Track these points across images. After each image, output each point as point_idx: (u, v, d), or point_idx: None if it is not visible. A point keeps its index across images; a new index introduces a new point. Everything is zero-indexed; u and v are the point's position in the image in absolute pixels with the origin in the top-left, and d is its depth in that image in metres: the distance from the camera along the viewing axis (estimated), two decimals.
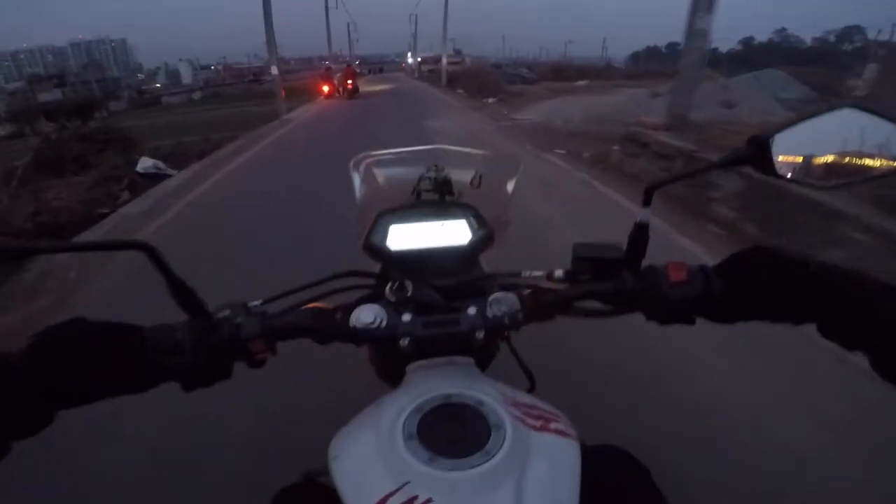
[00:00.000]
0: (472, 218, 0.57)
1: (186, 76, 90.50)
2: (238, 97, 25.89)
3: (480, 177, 0.64)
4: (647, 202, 0.47)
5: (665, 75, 22.68)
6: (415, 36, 46.82)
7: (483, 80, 19.56)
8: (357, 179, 0.66)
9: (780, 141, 0.45)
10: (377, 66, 78.26)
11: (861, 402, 1.58)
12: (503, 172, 0.66)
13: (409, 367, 0.50)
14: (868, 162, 0.46)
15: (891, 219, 2.55)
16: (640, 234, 0.48)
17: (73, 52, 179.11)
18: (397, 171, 0.66)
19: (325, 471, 0.41)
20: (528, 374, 0.58)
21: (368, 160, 0.67)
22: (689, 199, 3.79)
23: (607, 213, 3.90)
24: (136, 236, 3.56)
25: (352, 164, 0.67)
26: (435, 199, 0.63)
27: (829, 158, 0.47)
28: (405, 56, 72.24)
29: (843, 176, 0.48)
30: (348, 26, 48.85)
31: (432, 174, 0.64)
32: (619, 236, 0.52)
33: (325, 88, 17.15)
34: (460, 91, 18.97)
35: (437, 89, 21.05)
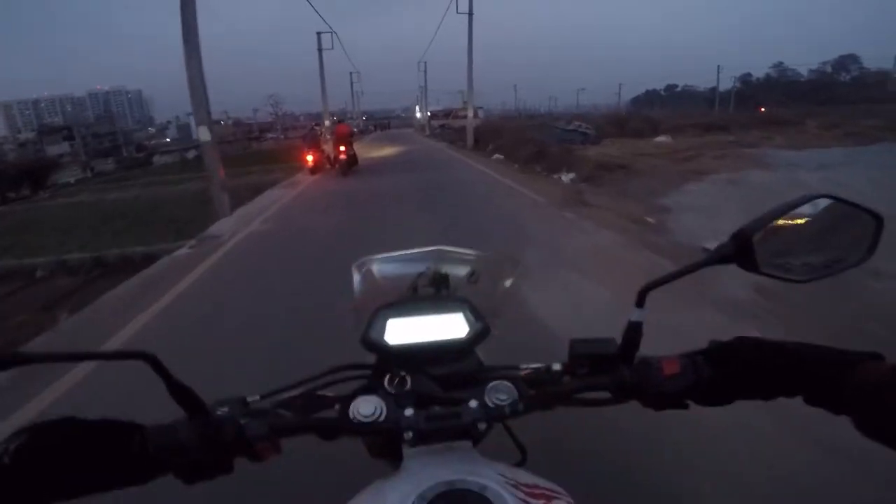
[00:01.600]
0: (468, 311, 0.56)
1: (196, 130, 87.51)
2: (234, 159, 21.24)
3: (477, 274, 0.65)
4: (640, 303, 0.48)
5: (766, 122, 17.84)
6: (424, 85, 42.41)
7: (522, 140, 13.96)
8: (357, 278, 0.66)
9: (760, 235, 0.45)
10: (384, 122, 74.67)
11: None
12: (501, 270, 0.66)
13: (408, 451, 0.48)
14: (842, 249, 0.48)
15: None
16: (633, 332, 0.49)
17: (91, 102, 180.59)
18: (396, 269, 0.67)
19: None
20: (521, 448, 0.58)
21: (369, 262, 0.68)
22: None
23: None
24: None
25: (354, 266, 0.67)
26: (431, 294, 0.63)
27: (807, 248, 0.48)
28: (412, 111, 68.98)
29: (819, 268, 0.48)
30: (351, 77, 44.19)
31: (430, 271, 0.65)
32: None
33: (310, 158, 11.32)
34: (498, 157, 13.25)
35: (462, 153, 15.49)
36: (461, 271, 0.65)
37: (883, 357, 0.41)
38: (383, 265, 0.67)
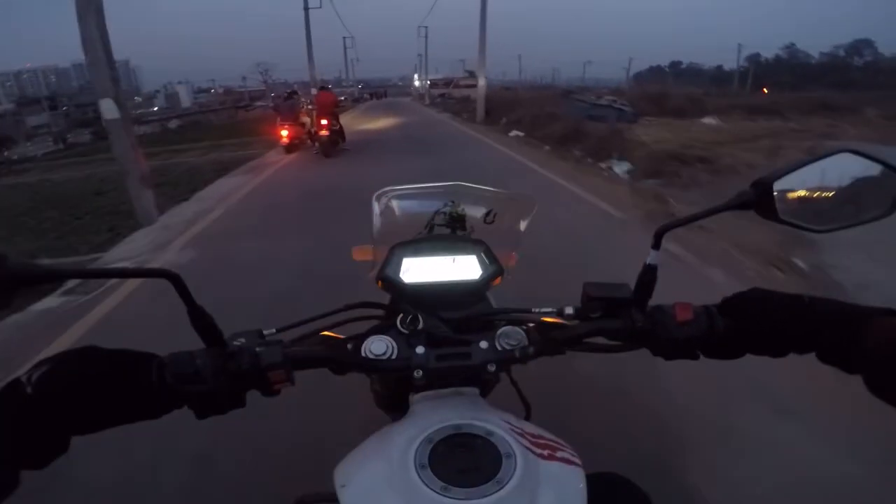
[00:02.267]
0: (482, 254, 0.56)
1: (186, 99, 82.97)
2: (217, 128, 18.78)
3: (494, 214, 0.65)
4: (656, 245, 0.47)
5: (817, 107, 15.47)
6: (425, 51, 39.07)
7: (544, 115, 11.47)
8: (376, 210, 0.65)
9: (781, 185, 0.45)
10: (380, 90, 70.50)
11: None
12: (518, 211, 0.66)
13: (415, 398, 0.49)
14: (863, 204, 0.47)
15: None
16: (648, 275, 0.48)
17: (76, 72, 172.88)
18: (414, 205, 0.67)
19: (322, 497, 0.42)
20: (525, 403, 0.57)
21: (389, 194, 0.66)
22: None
23: None
24: None
25: (374, 196, 0.65)
26: (447, 234, 0.63)
27: (828, 202, 0.47)
28: (410, 79, 65.13)
29: (840, 219, 0.48)
30: (344, 42, 40.67)
31: (448, 209, 0.65)
32: None
33: (285, 133, 8.79)
34: (517, 133, 10.80)
35: (472, 128, 12.94)
36: (478, 210, 0.66)
37: (894, 312, 0.38)
38: (403, 200, 0.67)
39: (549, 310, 0.52)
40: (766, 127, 11.47)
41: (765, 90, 30.21)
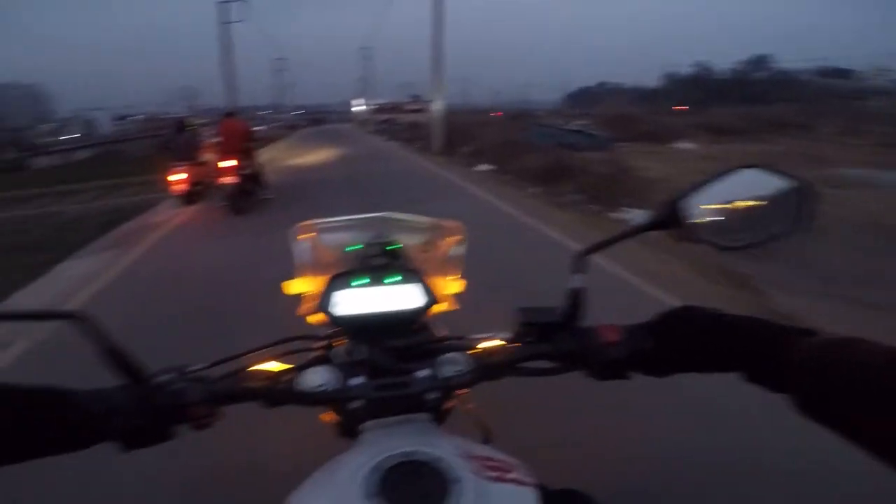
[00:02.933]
0: (419, 282, 0.56)
1: (105, 126, 75.03)
2: (130, 161, 15.69)
3: (430, 242, 0.66)
4: (576, 268, 0.49)
5: (772, 125, 15.02)
6: (367, 74, 37.12)
7: (510, 144, 9.85)
8: (300, 245, 0.64)
9: (689, 203, 0.46)
10: (318, 116, 66.42)
11: None
12: (451, 236, 0.67)
13: (365, 426, 0.48)
14: (770, 220, 0.48)
15: None
16: (574, 298, 0.49)
17: None
18: (343, 238, 0.66)
19: None
20: (484, 427, 0.57)
21: (314, 228, 0.66)
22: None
23: None
24: None
25: (290, 232, 0.65)
26: (383, 263, 0.61)
27: (737, 218, 0.47)
28: (348, 105, 62.30)
29: (749, 236, 0.48)
30: (275, 64, 38.01)
31: (380, 240, 0.64)
32: None
33: (179, 179, 6.20)
34: (485, 167, 8.98)
35: (429, 160, 11.00)
36: (412, 239, 0.65)
37: (815, 332, 0.39)
38: (329, 233, 0.66)
39: (486, 335, 0.53)
40: (750, 151, 10.48)
41: (685, 107, 30.83)
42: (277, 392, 0.47)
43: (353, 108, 55.26)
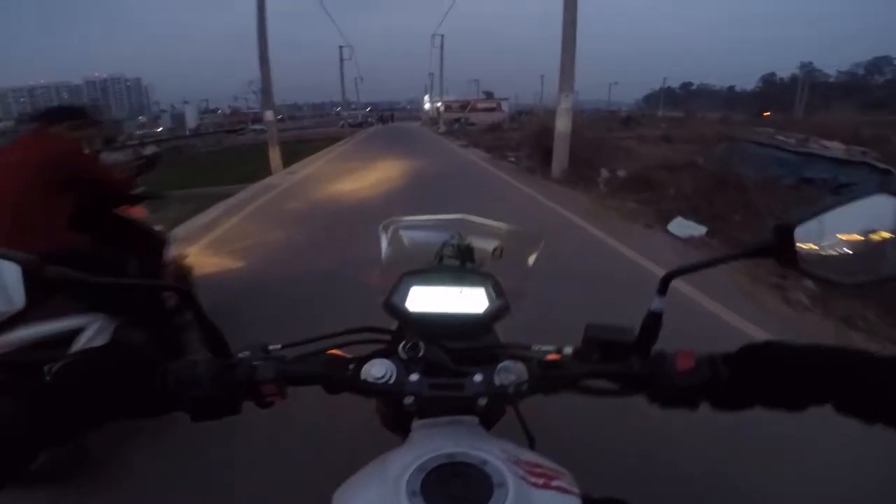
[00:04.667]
0: (490, 287, 0.55)
1: (191, 120, 78.05)
2: (189, 161, 14.61)
3: (502, 249, 0.64)
4: (662, 291, 0.47)
5: None
6: (440, 64, 33.32)
7: (703, 175, 5.40)
8: (384, 240, 0.65)
9: (804, 231, 0.41)
10: (387, 114, 65.04)
11: None
12: (525, 245, 0.65)
13: (415, 424, 0.49)
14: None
15: None
16: (652, 320, 0.47)
17: (88, 89, 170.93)
18: (422, 236, 0.66)
19: None
20: (529, 436, 0.56)
21: (397, 224, 0.67)
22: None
23: None
24: None
25: (381, 226, 0.66)
26: (456, 266, 0.62)
27: (857, 251, 0.42)
28: (418, 102, 59.54)
29: (868, 271, 0.42)
30: (341, 52, 35.39)
31: (455, 241, 0.64)
32: None
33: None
34: (692, 230, 4.64)
35: (556, 197, 6.85)
36: (486, 244, 0.64)
37: None
38: (410, 230, 0.66)
39: (550, 348, 0.52)
40: None
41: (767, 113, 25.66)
42: (340, 378, 0.48)
43: (422, 107, 51.86)
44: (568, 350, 0.51)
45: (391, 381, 0.46)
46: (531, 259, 0.64)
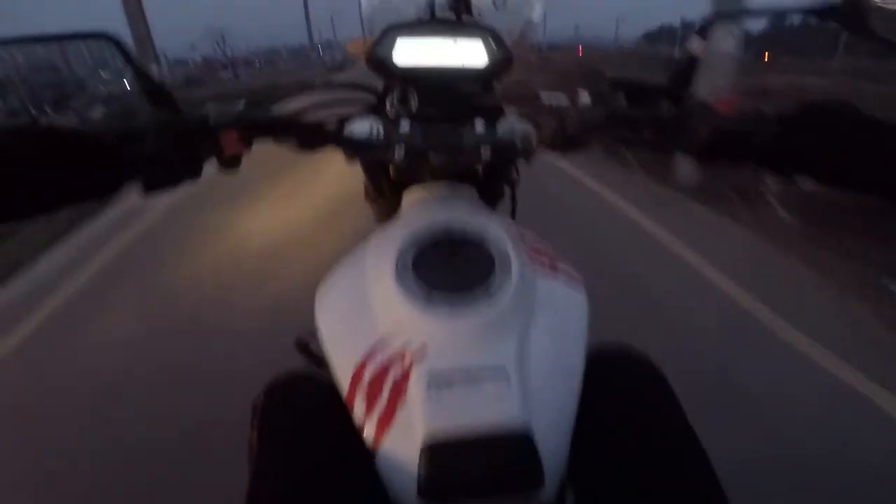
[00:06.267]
0: (489, 38, 0.47)
1: (160, 72, 70.38)
2: None
3: None
4: (701, 33, 0.41)
5: None
6: None
7: None
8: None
9: None
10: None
11: None
12: None
13: (406, 194, 0.44)
14: None
15: None
16: (688, 63, 0.41)
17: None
18: None
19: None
20: (513, 206, 0.53)
21: None
22: None
23: None
24: None
25: None
26: (451, 17, 0.54)
27: None
28: None
29: None
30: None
31: None
32: None
33: None
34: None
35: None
36: None
37: None
38: None
39: (562, 96, 0.45)
40: None
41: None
42: (315, 133, 0.41)
43: None
44: (585, 97, 0.43)
45: (379, 137, 0.40)
46: (535, 11, 0.58)
